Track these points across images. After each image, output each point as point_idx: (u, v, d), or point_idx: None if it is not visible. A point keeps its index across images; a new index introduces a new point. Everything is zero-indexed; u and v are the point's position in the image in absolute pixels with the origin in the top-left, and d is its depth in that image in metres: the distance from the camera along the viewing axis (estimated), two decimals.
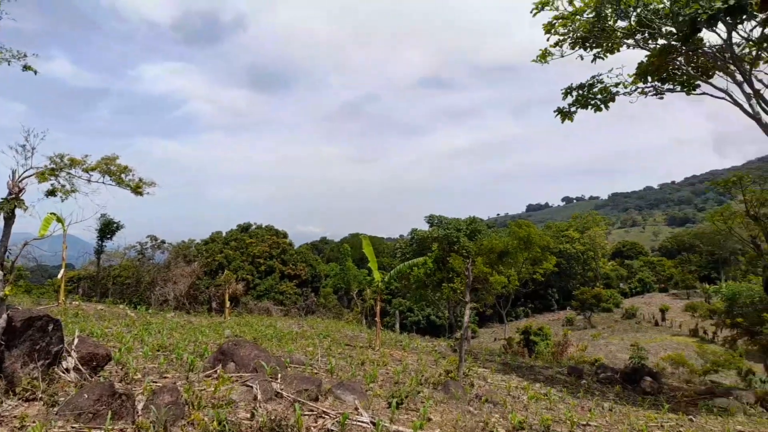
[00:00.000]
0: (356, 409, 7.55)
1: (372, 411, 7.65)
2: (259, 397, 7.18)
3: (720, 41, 15.10)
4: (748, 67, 15.15)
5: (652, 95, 17.91)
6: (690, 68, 16.70)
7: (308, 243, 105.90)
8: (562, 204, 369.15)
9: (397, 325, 51.53)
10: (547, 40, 17.22)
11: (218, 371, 8.64)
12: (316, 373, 10.09)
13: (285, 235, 60.75)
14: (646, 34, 16.08)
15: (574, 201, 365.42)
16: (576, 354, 32.28)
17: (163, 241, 39.46)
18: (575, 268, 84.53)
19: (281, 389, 7.71)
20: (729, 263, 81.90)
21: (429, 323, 66.45)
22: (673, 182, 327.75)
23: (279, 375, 8.47)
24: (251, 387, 7.53)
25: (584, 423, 9.09)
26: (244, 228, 60.81)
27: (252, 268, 54.80)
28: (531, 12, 15.88)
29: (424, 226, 63.61)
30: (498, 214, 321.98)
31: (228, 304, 25.37)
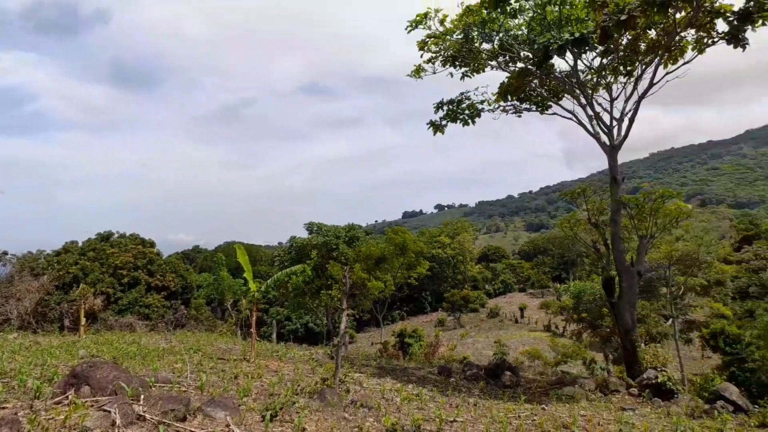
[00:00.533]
0: (228, 426, 7.23)
1: (245, 426, 7.38)
2: (118, 422, 6.57)
3: (568, 68, 17.00)
4: (590, 91, 17.23)
5: (512, 113, 19.60)
6: (543, 90, 18.57)
7: (179, 252, 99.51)
8: (435, 211, 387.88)
9: (274, 335, 50.32)
10: (421, 56, 18.10)
11: (70, 397, 7.75)
12: (184, 391, 9.48)
13: (152, 244, 56.53)
14: (507, 57, 17.58)
15: (446, 208, 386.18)
16: (446, 353, 33.99)
17: (5, 252, 34.70)
18: (446, 271, 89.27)
19: (144, 411, 7.13)
20: (576, 264, 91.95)
21: (307, 331, 65.86)
22: (530, 191, 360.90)
23: (142, 396, 7.82)
24: (109, 411, 6.86)
25: (452, 419, 9.59)
26: (105, 237, 55.46)
27: (113, 280, 50.16)
28: (406, 29, 16.56)
29: (304, 234, 63.17)
30: (376, 221, 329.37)
31: (83, 321, 22.88)
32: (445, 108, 19.25)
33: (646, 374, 13.82)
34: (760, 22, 13.38)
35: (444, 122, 19.38)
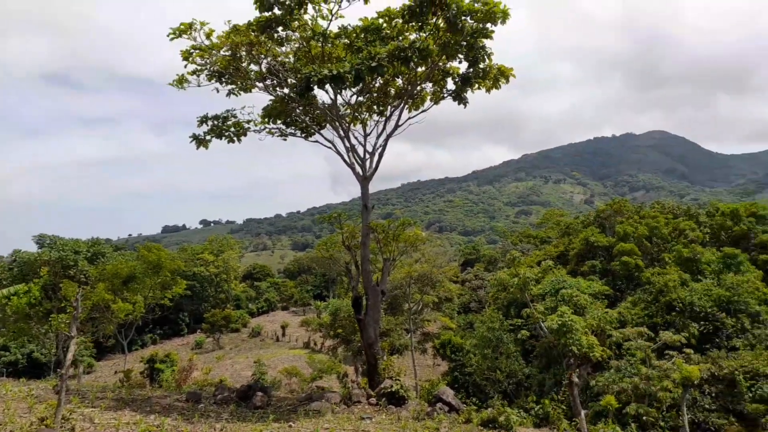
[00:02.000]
0: None
1: None
2: None
3: (330, 100, 18.19)
4: (347, 125, 18.70)
5: (277, 135, 20.03)
6: (308, 118, 19.48)
7: None
8: (200, 226, 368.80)
9: None
10: (185, 66, 17.24)
11: None
12: None
13: None
14: (275, 81, 17.97)
15: (212, 224, 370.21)
16: (201, 378, 32.25)
17: None
18: (209, 290, 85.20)
19: None
20: (337, 283, 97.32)
21: (31, 362, 55.30)
22: (298, 211, 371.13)
23: None
24: None
25: None
26: None
27: None
28: (168, 36, 15.63)
29: (32, 247, 53.18)
30: (130, 234, 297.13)
31: None
32: (210, 123, 18.63)
33: (384, 384, 15.36)
34: (477, 86, 16.48)
35: (208, 137, 18.72)
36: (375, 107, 19.07)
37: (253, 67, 17.67)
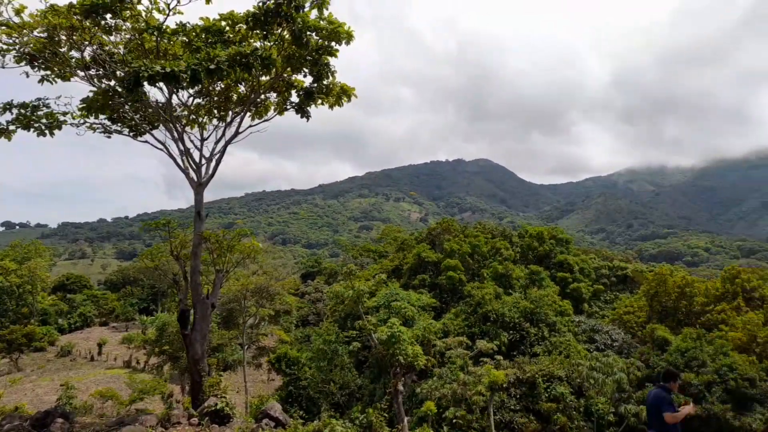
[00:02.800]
0: None
1: None
2: None
3: (164, 99, 17.00)
4: (183, 127, 17.64)
5: (100, 132, 18.08)
6: (137, 116, 17.94)
7: None
8: (2, 229, 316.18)
9: None
10: None
11: None
12: None
13: None
14: (101, 72, 16.26)
15: (17, 227, 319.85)
16: None
17: None
18: (8, 303, 73.04)
19: None
20: (167, 296, 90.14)
21: None
22: (126, 217, 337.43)
23: None
24: None
25: None
26: None
27: None
28: None
29: None
30: None
31: None
32: (15, 111, 16.16)
33: (208, 402, 14.57)
34: (320, 101, 16.79)
35: (12, 127, 16.20)
36: (215, 111, 18.29)
37: (74, 53, 15.82)
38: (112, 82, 16.39)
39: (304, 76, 16.41)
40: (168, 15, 14.19)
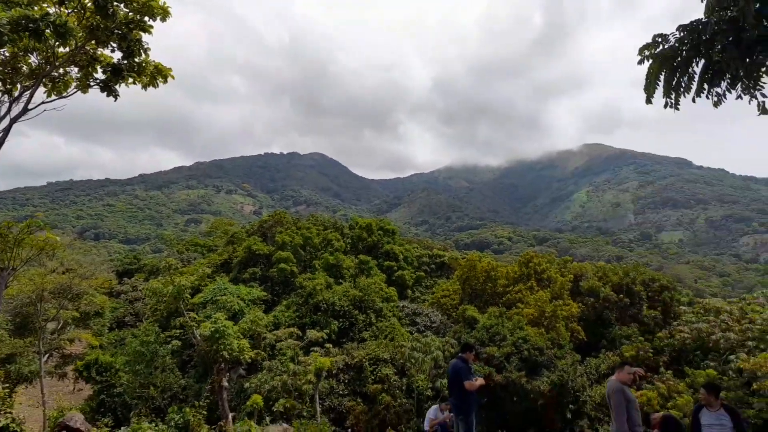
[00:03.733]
0: None
1: None
2: None
3: None
4: None
5: None
6: None
7: None
8: None
9: None
10: None
11: None
12: None
13: None
14: None
15: None
16: None
17: None
18: None
19: None
20: None
21: None
22: None
23: None
24: None
25: None
26: None
27: None
28: None
29: None
30: None
31: None
32: None
33: None
34: (131, 80, 15.36)
35: None
36: (0, 84, 15.62)
37: None
38: None
39: (112, 51, 14.84)
40: None
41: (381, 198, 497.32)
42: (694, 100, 6.94)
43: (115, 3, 13.05)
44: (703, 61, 6.64)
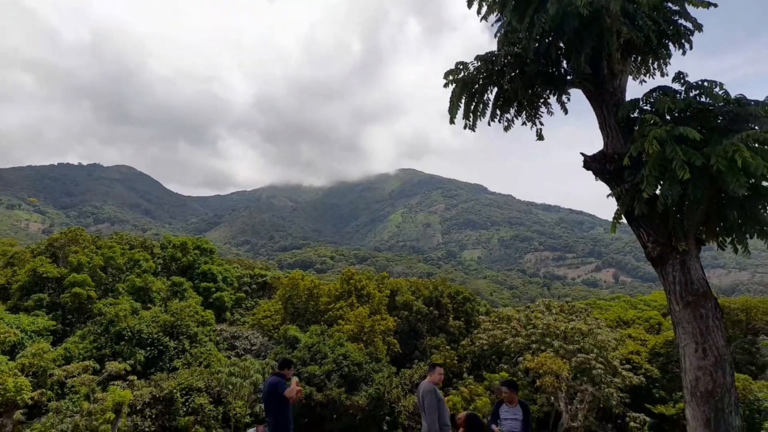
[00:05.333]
0: None
1: None
2: None
3: None
4: None
5: None
6: None
7: None
8: None
9: None
10: None
11: None
12: None
13: None
14: None
15: None
16: None
17: None
18: None
19: None
20: None
21: None
22: None
23: None
24: None
25: None
26: None
27: None
28: None
29: None
30: None
31: None
32: None
33: None
34: None
35: None
36: None
37: None
38: None
39: None
40: None
41: (199, 216, 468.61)
42: (489, 123, 7.88)
43: None
44: (496, 89, 7.58)
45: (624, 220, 7.44)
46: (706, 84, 6.91)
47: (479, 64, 7.47)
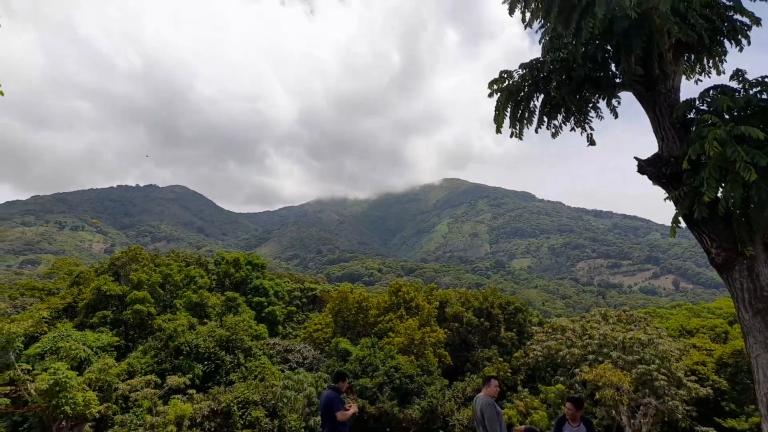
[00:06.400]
0: None
1: None
2: None
3: None
4: None
5: None
6: None
7: None
8: None
9: None
10: None
11: None
12: None
13: None
14: None
15: None
16: None
17: None
18: None
19: None
20: None
21: None
22: None
23: None
24: None
25: None
26: None
27: None
28: None
29: None
30: None
31: None
32: None
33: None
34: None
35: None
36: None
37: None
38: None
39: None
40: None
41: (249, 232, 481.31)
42: (537, 131, 7.79)
43: None
44: (542, 95, 7.51)
45: (683, 224, 7.16)
46: (767, 81, 6.61)
47: (524, 71, 7.43)
